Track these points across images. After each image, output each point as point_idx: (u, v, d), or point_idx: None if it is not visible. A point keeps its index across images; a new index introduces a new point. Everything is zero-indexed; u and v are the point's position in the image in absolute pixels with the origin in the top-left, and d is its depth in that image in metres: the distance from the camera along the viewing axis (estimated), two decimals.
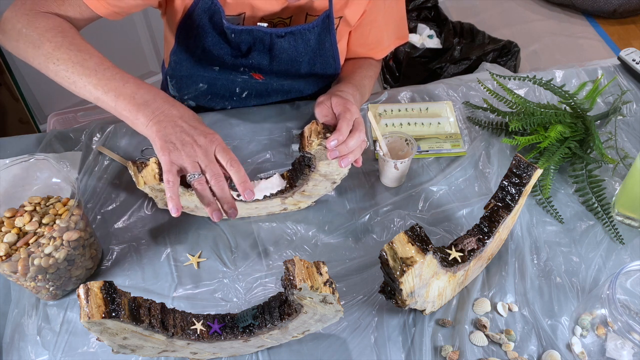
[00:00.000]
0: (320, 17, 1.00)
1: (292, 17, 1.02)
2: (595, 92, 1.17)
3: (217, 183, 0.78)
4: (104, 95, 0.81)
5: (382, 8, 1.07)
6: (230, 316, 0.73)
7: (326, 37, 1.04)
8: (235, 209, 0.79)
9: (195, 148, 0.77)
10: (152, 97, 0.80)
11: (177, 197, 0.77)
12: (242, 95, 1.15)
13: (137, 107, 0.79)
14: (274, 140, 1.11)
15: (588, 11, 2.87)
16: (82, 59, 0.82)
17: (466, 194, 1.03)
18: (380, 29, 1.10)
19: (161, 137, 0.78)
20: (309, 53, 1.05)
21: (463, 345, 0.81)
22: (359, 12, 1.05)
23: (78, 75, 0.82)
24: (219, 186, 0.78)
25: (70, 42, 0.84)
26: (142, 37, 2.10)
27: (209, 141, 0.78)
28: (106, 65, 0.83)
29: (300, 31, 1.00)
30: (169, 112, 0.79)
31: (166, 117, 0.79)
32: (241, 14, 0.99)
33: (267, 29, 0.99)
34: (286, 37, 1.01)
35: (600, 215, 0.98)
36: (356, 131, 0.86)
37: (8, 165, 0.86)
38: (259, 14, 0.99)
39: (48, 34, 0.84)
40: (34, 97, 1.95)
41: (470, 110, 1.18)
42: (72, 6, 0.88)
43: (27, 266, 0.77)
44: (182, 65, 1.08)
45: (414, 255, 0.71)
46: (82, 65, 0.82)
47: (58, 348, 0.81)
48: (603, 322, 0.80)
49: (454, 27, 2.48)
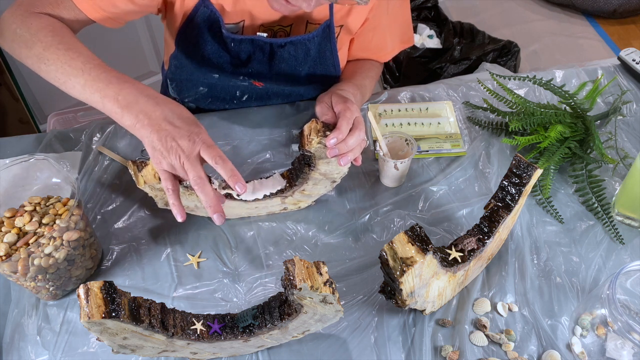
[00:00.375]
0: (320, 26, 0.99)
1: (293, 25, 1.02)
2: (595, 92, 1.17)
3: (198, 188, 0.75)
4: (91, 96, 0.79)
5: (386, 14, 1.06)
6: (230, 316, 0.73)
7: (327, 46, 1.03)
8: (222, 214, 0.77)
9: (179, 153, 0.75)
10: (134, 97, 0.78)
11: (179, 203, 0.77)
12: (242, 99, 1.15)
13: (121, 110, 0.77)
14: (274, 140, 1.11)
15: (588, 11, 2.87)
16: (69, 58, 0.81)
17: (466, 194, 1.03)
18: (383, 34, 1.10)
19: (149, 145, 0.76)
20: (309, 62, 1.05)
21: (463, 345, 0.81)
22: (360, 20, 1.05)
23: (66, 75, 0.80)
24: (200, 191, 0.75)
25: (59, 41, 0.82)
26: (142, 37, 2.10)
27: (192, 143, 0.75)
28: (93, 64, 0.80)
29: (301, 41, 1.00)
30: (152, 114, 0.76)
31: (150, 121, 0.76)
32: (240, 22, 0.99)
33: (267, 39, 0.98)
34: (286, 47, 1.00)
35: (600, 215, 0.98)
36: (356, 130, 0.85)
37: (8, 165, 0.86)
38: (258, 22, 0.99)
39: (40, 33, 0.83)
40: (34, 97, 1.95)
41: (470, 110, 1.18)
42: (66, 9, 0.88)
43: (27, 266, 0.77)
44: (182, 70, 1.08)
45: (414, 255, 0.71)
46: (69, 64, 0.80)
47: (58, 348, 0.81)
48: (603, 322, 0.80)
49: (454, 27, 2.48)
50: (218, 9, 0.94)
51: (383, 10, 1.05)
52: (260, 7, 0.95)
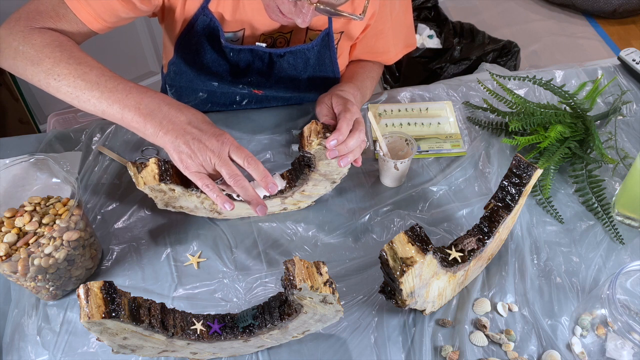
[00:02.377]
0: (320, 35, 0.99)
1: (292, 32, 1.01)
2: (595, 92, 1.17)
3: (236, 184, 0.77)
4: (109, 108, 0.79)
5: (390, 20, 1.05)
6: (230, 316, 0.73)
7: (326, 54, 1.03)
8: (264, 205, 0.79)
9: (208, 154, 0.76)
10: (157, 105, 0.79)
11: (221, 195, 0.78)
12: (242, 103, 1.15)
13: (144, 118, 0.78)
14: (274, 140, 1.11)
15: (588, 11, 2.87)
16: (82, 72, 0.80)
17: (466, 194, 1.03)
18: (387, 39, 1.09)
19: (174, 150, 0.77)
20: (309, 70, 1.05)
21: (463, 345, 0.81)
22: (361, 26, 1.04)
23: (80, 89, 0.80)
24: (239, 186, 0.78)
25: (69, 56, 0.81)
26: (142, 37, 2.10)
27: (221, 143, 0.77)
28: (107, 76, 0.81)
29: (300, 50, 1.00)
30: (176, 119, 0.78)
31: (174, 126, 0.77)
32: (240, 31, 0.98)
33: (266, 49, 0.98)
34: (285, 57, 1.00)
35: (600, 215, 0.98)
36: (356, 131, 0.85)
37: (8, 165, 0.86)
38: (258, 31, 0.99)
39: (46, 49, 0.81)
40: (34, 97, 1.95)
41: (470, 110, 1.18)
42: (68, 22, 0.86)
43: (27, 266, 0.77)
44: (181, 76, 1.07)
45: (414, 255, 0.71)
46: (83, 79, 0.80)
47: (58, 348, 0.81)
48: (603, 322, 0.80)
49: (454, 27, 2.48)
50: (218, 17, 0.94)
51: (387, 14, 1.04)
52: (260, 16, 0.95)
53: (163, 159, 0.84)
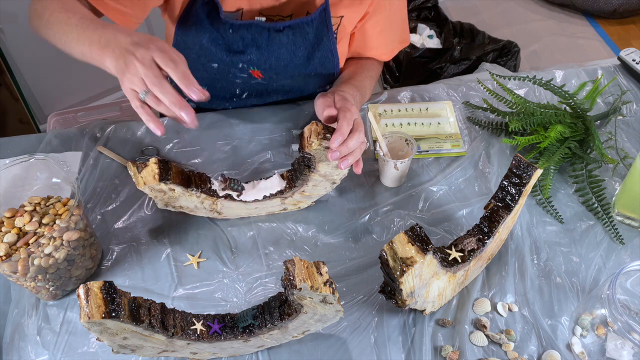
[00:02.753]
0: (317, 10, 1.00)
1: (292, 15, 1.02)
2: (595, 92, 1.17)
3: (157, 89, 0.72)
4: (81, 46, 0.81)
5: (387, 14, 1.07)
6: (230, 316, 0.73)
7: (324, 32, 1.04)
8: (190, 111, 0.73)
9: (136, 63, 0.73)
10: (112, 36, 0.77)
11: (153, 117, 0.75)
12: (242, 96, 1.15)
13: (102, 50, 0.77)
14: (274, 140, 1.11)
15: (588, 11, 2.87)
16: (66, 18, 0.83)
17: (466, 194, 1.03)
18: (384, 33, 1.10)
19: (115, 69, 0.76)
20: (308, 48, 1.05)
21: (463, 345, 0.81)
22: (359, 12, 1.05)
23: (65, 34, 0.83)
24: (160, 92, 0.72)
25: (62, 6, 0.85)
26: None
27: (146, 49, 0.74)
28: (88, 19, 0.83)
29: (299, 24, 1.00)
30: (124, 42, 0.76)
31: (120, 48, 0.75)
32: (239, 10, 0.99)
33: (265, 24, 0.99)
34: (284, 32, 1.01)
35: (600, 215, 0.98)
36: (356, 132, 0.85)
37: (8, 165, 0.86)
38: (256, 7, 1.00)
39: (48, 2, 0.86)
40: (34, 97, 1.95)
41: (470, 110, 1.18)
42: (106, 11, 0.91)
43: (27, 266, 0.77)
44: None
45: (414, 255, 0.71)
46: (67, 23, 0.83)
47: (58, 348, 0.81)
48: (603, 322, 0.80)
49: (454, 27, 2.48)
50: None
51: (386, 8, 1.06)
52: None
53: (163, 158, 0.84)
